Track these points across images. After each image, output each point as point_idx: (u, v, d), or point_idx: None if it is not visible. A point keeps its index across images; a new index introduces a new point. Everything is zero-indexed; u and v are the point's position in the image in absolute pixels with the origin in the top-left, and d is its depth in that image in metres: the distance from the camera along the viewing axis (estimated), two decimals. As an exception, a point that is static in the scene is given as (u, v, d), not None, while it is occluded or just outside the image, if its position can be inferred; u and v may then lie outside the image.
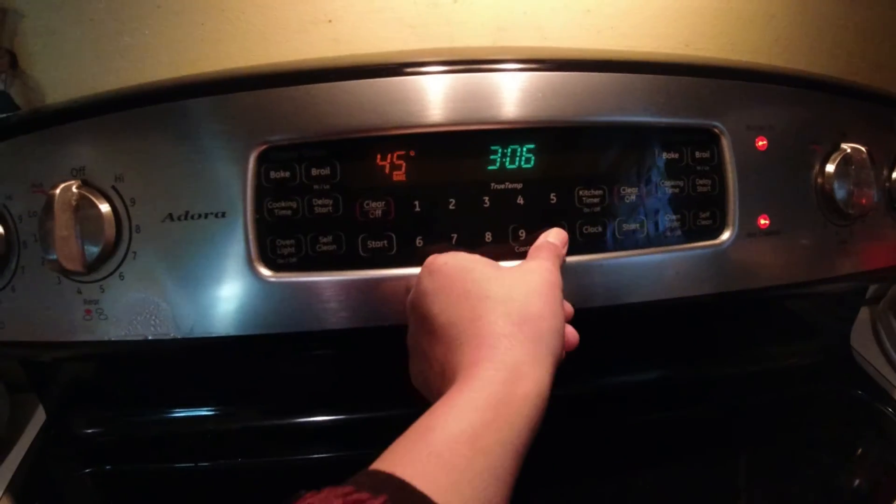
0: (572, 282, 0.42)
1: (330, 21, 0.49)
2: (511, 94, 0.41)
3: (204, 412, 0.53)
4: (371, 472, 0.25)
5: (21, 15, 0.52)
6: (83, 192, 0.40)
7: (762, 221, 0.46)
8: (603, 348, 0.54)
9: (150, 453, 0.53)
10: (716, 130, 0.44)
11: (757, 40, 0.56)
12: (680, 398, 0.58)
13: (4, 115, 0.54)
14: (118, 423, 0.55)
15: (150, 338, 0.40)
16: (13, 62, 0.54)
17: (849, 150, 0.48)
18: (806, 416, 0.58)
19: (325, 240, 0.40)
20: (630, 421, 0.56)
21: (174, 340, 0.40)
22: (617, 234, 0.43)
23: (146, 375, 0.55)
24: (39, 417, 0.56)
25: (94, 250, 0.40)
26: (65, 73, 0.52)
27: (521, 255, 0.41)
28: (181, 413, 0.54)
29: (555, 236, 0.40)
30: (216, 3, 0.48)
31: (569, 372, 0.52)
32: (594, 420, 0.55)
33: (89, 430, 0.55)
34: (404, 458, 0.26)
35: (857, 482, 0.55)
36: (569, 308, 0.37)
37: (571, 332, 0.36)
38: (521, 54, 0.43)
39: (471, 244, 0.41)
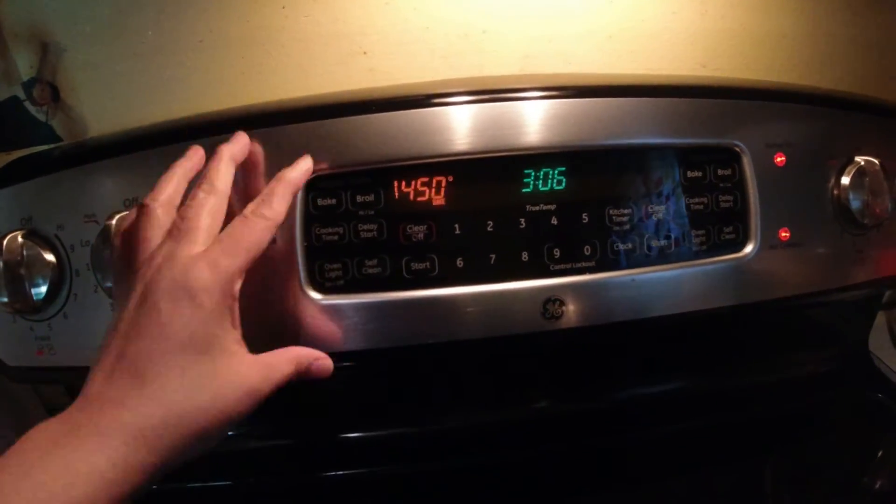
0: (603, 297, 0.44)
1: (365, 53, 0.51)
2: (541, 121, 0.43)
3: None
4: None
5: (63, 49, 0.54)
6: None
7: (783, 234, 0.48)
8: (629, 361, 0.56)
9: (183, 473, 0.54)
10: (737, 149, 0.46)
11: (770, 59, 0.58)
12: (702, 408, 0.60)
13: (47, 146, 0.57)
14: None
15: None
16: (55, 95, 0.56)
17: (862, 163, 0.50)
18: (828, 421, 0.60)
19: (370, 262, 0.42)
20: (656, 431, 0.57)
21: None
22: (645, 250, 0.45)
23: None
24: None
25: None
26: (107, 105, 0.54)
27: (556, 273, 0.43)
28: None
29: None
30: (257, 38, 0.51)
31: (595, 384, 0.54)
32: (619, 432, 0.57)
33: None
34: None
35: (879, 483, 0.56)
36: None
37: None
38: (549, 82, 0.46)
39: (508, 263, 0.43)
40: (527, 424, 0.53)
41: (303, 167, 0.39)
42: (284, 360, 0.35)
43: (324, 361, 0.37)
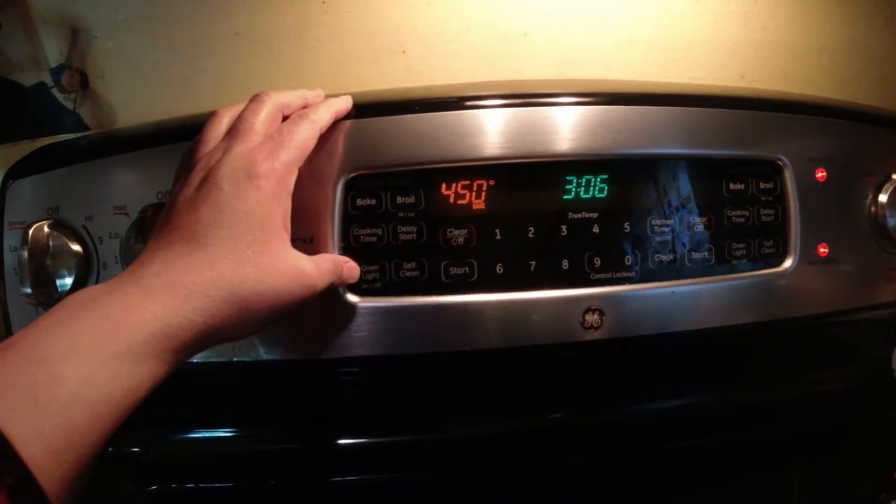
0: (642, 308, 0.43)
1: (404, 52, 0.50)
2: (583, 127, 0.42)
3: (242, 433, 0.54)
4: None
5: (93, 35, 0.53)
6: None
7: (822, 250, 0.47)
8: (647, 373, 0.55)
9: (195, 473, 0.53)
10: (780, 162, 0.46)
11: (808, 72, 0.58)
12: (727, 422, 0.59)
13: (73, 135, 0.56)
14: (166, 444, 0.55)
15: (234, 360, 0.41)
16: (84, 82, 0.55)
17: (900, 181, 0.49)
18: (850, 439, 0.59)
19: (408, 265, 0.41)
20: (679, 445, 0.57)
21: (259, 362, 0.41)
22: (687, 261, 0.44)
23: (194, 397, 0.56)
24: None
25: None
26: (137, 95, 0.53)
27: (597, 283, 0.42)
28: (224, 433, 0.55)
29: None
30: (294, 33, 0.50)
31: (612, 397, 0.53)
32: (637, 446, 0.56)
33: (135, 450, 0.55)
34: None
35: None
36: None
37: None
38: (592, 88, 0.45)
39: (548, 271, 0.42)
40: (552, 435, 0.53)
41: (346, 98, 0.40)
42: (326, 258, 0.37)
43: (352, 264, 0.40)
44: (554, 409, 0.49)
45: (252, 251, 0.32)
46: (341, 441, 0.45)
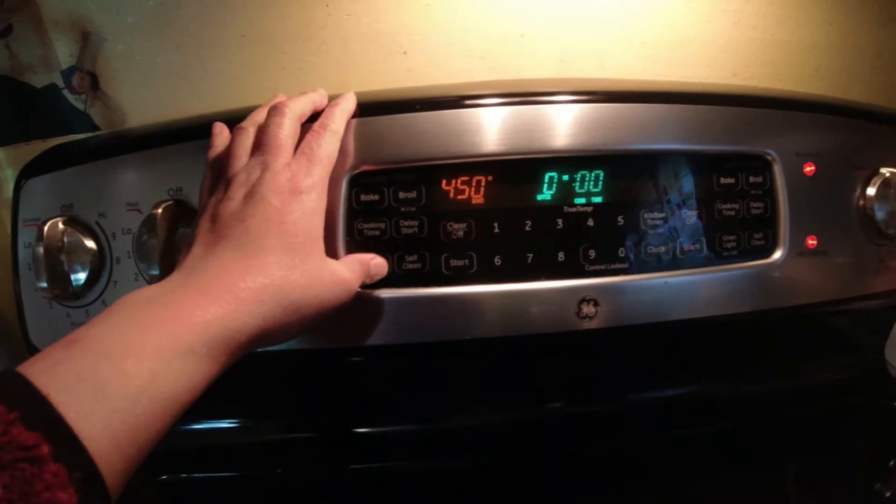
0: (636, 299, 0.45)
1: (405, 53, 0.52)
2: (578, 124, 0.43)
3: (248, 423, 0.55)
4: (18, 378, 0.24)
5: (103, 38, 0.54)
6: (182, 211, 0.43)
7: (810, 242, 0.49)
8: (643, 364, 0.57)
9: (204, 463, 0.54)
10: (769, 157, 0.47)
11: (799, 69, 0.59)
12: (717, 413, 0.61)
13: (84, 135, 0.57)
14: (176, 434, 0.56)
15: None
16: (94, 84, 0.57)
17: (888, 175, 0.51)
18: (845, 428, 0.61)
19: (410, 258, 0.42)
20: (675, 435, 0.58)
21: (266, 352, 0.42)
22: (678, 253, 0.46)
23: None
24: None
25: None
26: (146, 96, 0.55)
27: (592, 274, 0.44)
28: (230, 424, 0.56)
29: None
30: (299, 35, 0.51)
31: (608, 387, 0.54)
32: (633, 436, 0.58)
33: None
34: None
35: (890, 493, 0.57)
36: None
37: None
38: (586, 87, 0.46)
39: (545, 263, 0.44)
40: (544, 425, 0.54)
41: (351, 96, 0.42)
42: (354, 259, 0.40)
43: (378, 259, 0.41)
44: (549, 399, 0.50)
45: (299, 259, 0.34)
46: (338, 430, 0.47)
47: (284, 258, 0.33)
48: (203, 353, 0.29)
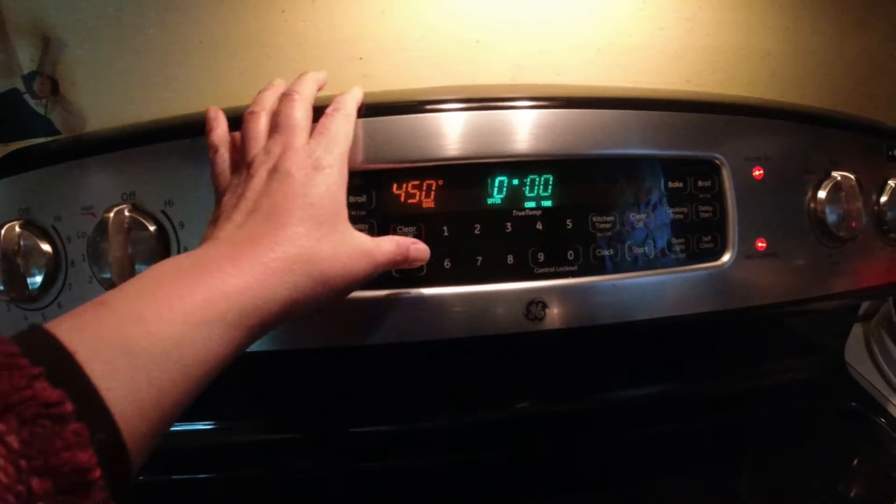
0: (585, 300, 0.45)
1: (361, 58, 0.53)
2: (529, 130, 0.44)
3: (218, 425, 0.56)
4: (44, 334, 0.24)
5: (64, 43, 0.55)
6: (134, 215, 0.44)
7: (759, 244, 0.49)
8: (609, 364, 0.57)
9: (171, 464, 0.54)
10: (717, 161, 0.48)
11: (753, 76, 0.60)
12: (680, 411, 0.61)
13: (45, 139, 0.58)
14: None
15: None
16: (55, 88, 0.57)
17: (839, 178, 0.51)
18: (806, 428, 0.61)
19: (360, 261, 0.43)
20: (634, 434, 0.59)
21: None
22: (627, 256, 0.46)
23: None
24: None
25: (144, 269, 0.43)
26: (106, 101, 0.55)
27: (540, 276, 0.45)
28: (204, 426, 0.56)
29: None
30: (256, 40, 0.52)
31: (575, 387, 0.55)
32: (598, 434, 0.58)
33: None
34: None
35: (855, 490, 0.58)
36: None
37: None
38: (538, 93, 0.47)
39: (494, 266, 0.44)
40: (507, 425, 0.54)
41: (357, 87, 0.43)
42: (388, 239, 0.39)
43: (420, 245, 0.41)
44: (498, 402, 0.51)
45: (326, 229, 0.34)
46: (273, 433, 0.47)
47: (312, 230, 0.34)
48: (234, 321, 0.29)
